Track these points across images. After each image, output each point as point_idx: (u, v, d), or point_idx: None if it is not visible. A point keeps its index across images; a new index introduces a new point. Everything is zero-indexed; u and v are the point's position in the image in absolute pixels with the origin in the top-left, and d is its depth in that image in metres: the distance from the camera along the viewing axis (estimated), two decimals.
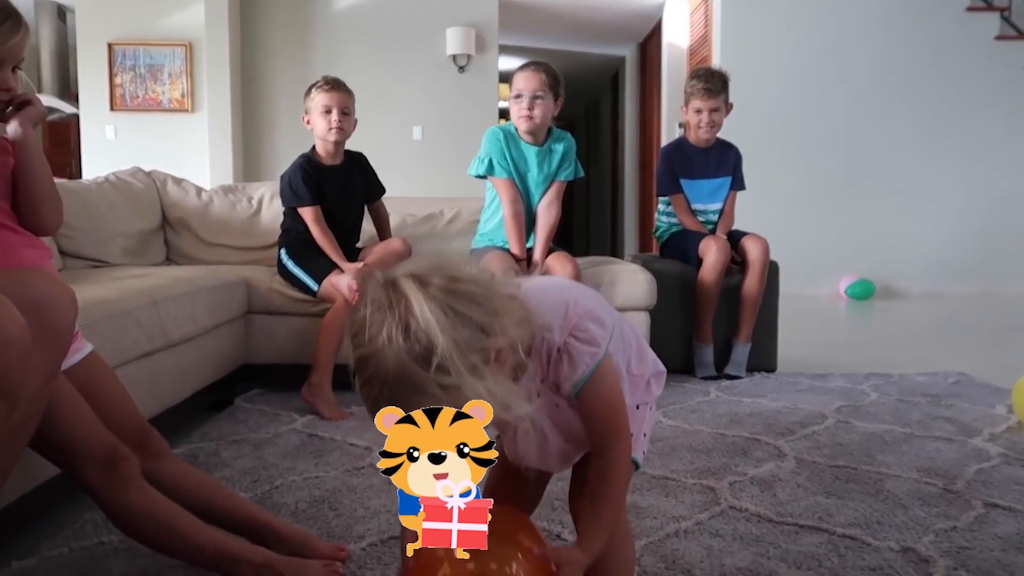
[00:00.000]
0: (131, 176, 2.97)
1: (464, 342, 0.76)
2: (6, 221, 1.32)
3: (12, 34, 1.25)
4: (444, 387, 0.75)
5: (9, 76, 1.27)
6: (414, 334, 0.75)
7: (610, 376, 0.92)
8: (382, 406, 0.73)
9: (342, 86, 2.54)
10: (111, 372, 1.41)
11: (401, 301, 0.77)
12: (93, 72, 6.03)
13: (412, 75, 6.01)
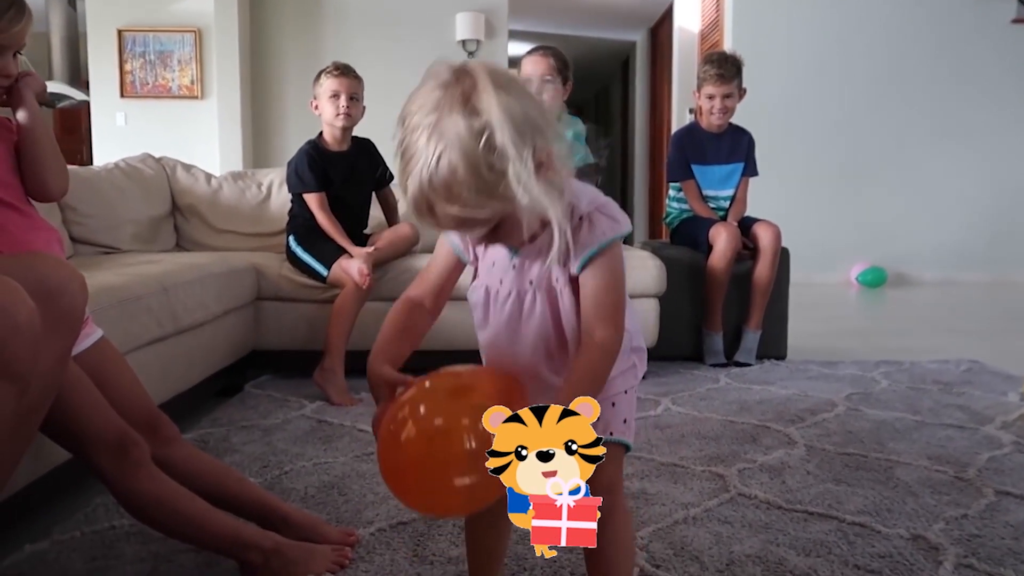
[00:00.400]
0: (141, 162, 2.98)
1: (520, 127, 0.79)
2: (15, 202, 1.33)
3: (15, 22, 1.26)
4: (491, 168, 0.77)
5: (10, 62, 1.28)
6: (474, 108, 0.78)
7: (620, 258, 0.92)
8: (427, 195, 0.78)
9: (351, 72, 2.53)
10: (121, 358, 1.42)
11: (466, 79, 0.79)
12: (103, 59, 6.04)
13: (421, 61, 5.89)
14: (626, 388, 1.00)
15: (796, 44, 5.60)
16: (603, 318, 0.90)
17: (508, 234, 0.88)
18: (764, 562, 1.30)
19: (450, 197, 0.78)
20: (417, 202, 0.80)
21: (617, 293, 0.91)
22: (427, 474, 0.82)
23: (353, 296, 2.36)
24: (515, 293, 0.95)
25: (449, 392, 0.88)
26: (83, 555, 1.34)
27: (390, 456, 0.84)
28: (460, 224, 0.83)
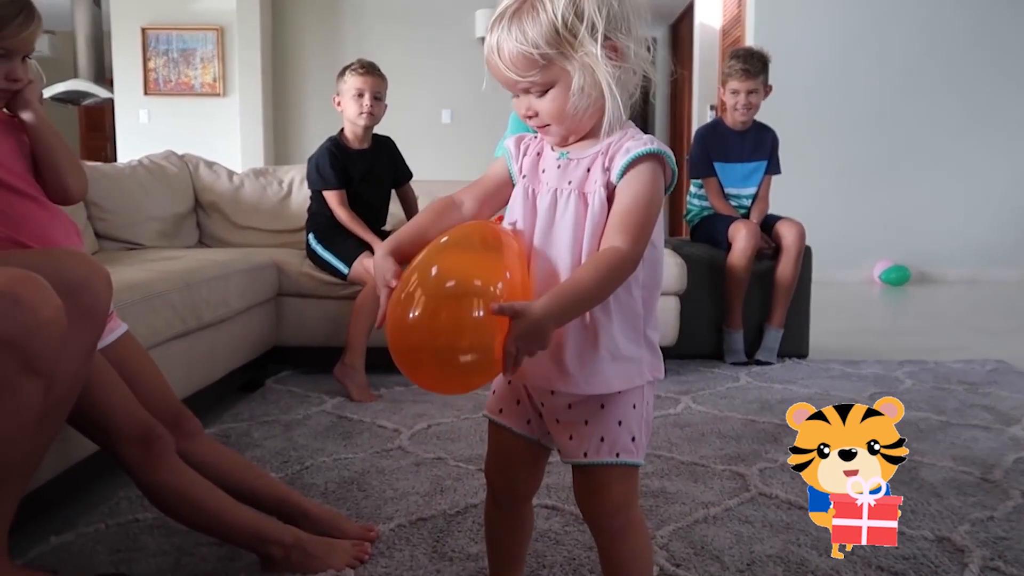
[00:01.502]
0: (164, 160, 3.01)
1: (606, 5, 0.87)
2: (34, 192, 1.34)
3: (25, 26, 1.26)
4: (566, 23, 0.86)
5: (19, 67, 1.28)
6: None
7: (658, 180, 0.92)
8: (508, 11, 0.88)
9: (376, 71, 2.54)
10: (145, 352, 1.43)
11: None
12: (127, 57, 6.11)
13: (441, 57, 6.00)
14: (634, 402, 0.96)
15: (819, 38, 5.54)
16: (625, 229, 0.89)
17: (555, 112, 0.91)
18: (785, 562, 1.29)
19: (521, 32, 0.87)
20: (493, 21, 0.90)
21: (647, 211, 0.90)
22: (435, 348, 0.83)
23: (374, 294, 2.37)
24: (553, 191, 0.95)
25: (464, 250, 0.90)
26: (107, 547, 1.36)
27: (399, 329, 0.85)
28: (515, 63, 0.88)
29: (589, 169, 0.94)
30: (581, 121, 0.93)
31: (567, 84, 0.90)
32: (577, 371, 0.93)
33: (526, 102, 0.92)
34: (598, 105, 0.92)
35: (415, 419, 2.10)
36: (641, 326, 0.97)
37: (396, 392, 2.39)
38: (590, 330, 0.92)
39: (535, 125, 0.94)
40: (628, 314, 0.95)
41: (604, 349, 0.93)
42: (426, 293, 0.84)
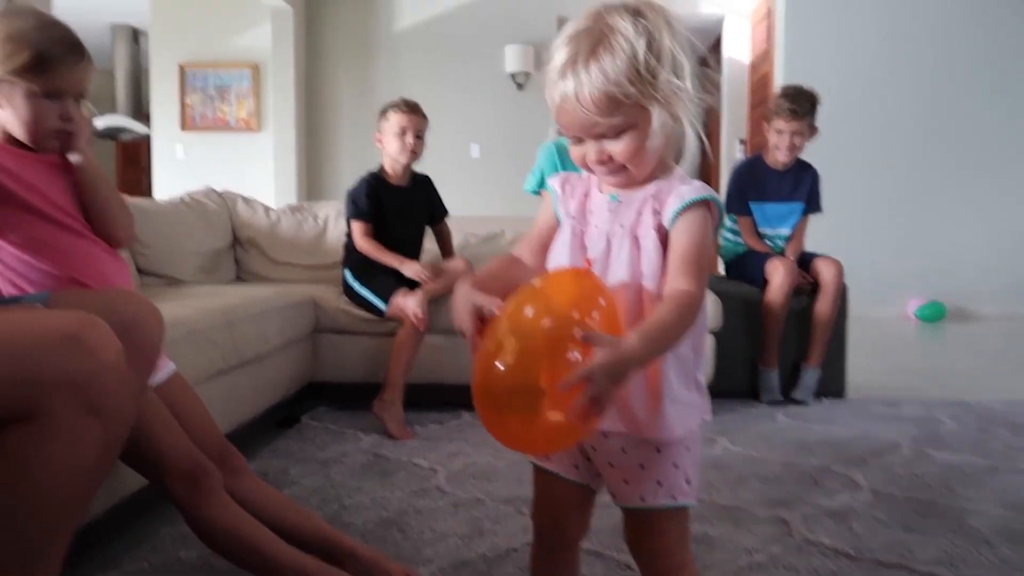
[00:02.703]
0: (204, 196, 3.06)
1: (674, 54, 0.89)
2: (86, 231, 1.37)
3: (75, 66, 1.29)
4: (648, 67, 0.87)
5: (71, 106, 1.30)
6: (640, 13, 0.89)
7: (710, 225, 0.93)
8: (581, 53, 0.88)
9: (419, 110, 2.59)
10: (192, 391, 1.45)
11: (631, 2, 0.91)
12: (165, 93, 6.27)
13: (470, 93, 6.08)
14: (688, 444, 0.98)
15: (850, 72, 5.54)
16: (686, 271, 0.90)
17: (631, 154, 0.91)
18: None
19: (602, 72, 0.86)
20: (566, 65, 0.88)
21: (703, 254, 0.91)
22: (520, 400, 0.83)
23: (412, 331, 2.39)
24: (607, 234, 0.96)
25: (558, 295, 0.89)
26: None
27: (484, 375, 0.85)
28: (598, 105, 0.88)
29: (640, 212, 0.95)
30: (651, 165, 0.94)
31: (646, 124, 0.90)
32: (644, 415, 0.93)
33: (596, 147, 0.92)
34: (664, 147, 0.94)
35: (451, 458, 2.10)
36: (692, 369, 0.98)
37: (431, 430, 2.39)
38: (651, 374, 0.92)
39: (607, 170, 0.94)
40: (682, 357, 0.95)
41: (665, 393, 0.93)
42: (519, 340, 0.83)
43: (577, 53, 0.89)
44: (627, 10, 0.90)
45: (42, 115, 1.26)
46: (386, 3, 6.12)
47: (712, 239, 0.94)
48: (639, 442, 0.96)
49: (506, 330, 0.85)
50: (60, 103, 1.28)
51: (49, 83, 1.25)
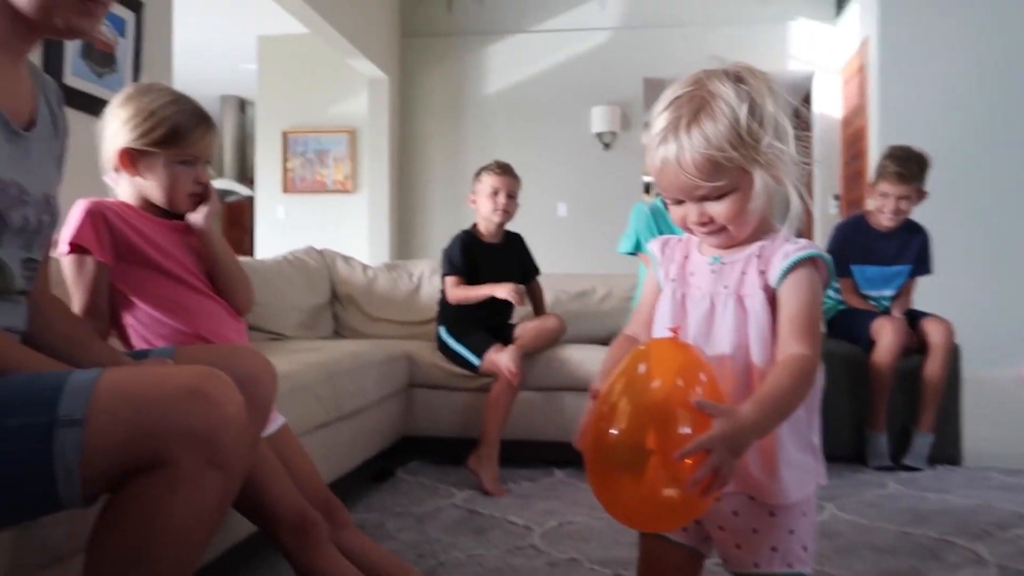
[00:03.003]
0: (305, 255, 3.19)
1: (776, 119, 0.90)
2: (208, 291, 1.45)
3: (207, 135, 1.43)
4: (750, 131, 0.88)
5: (203, 171, 1.43)
6: (740, 79, 0.91)
7: (818, 282, 0.91)
8: (683, 118, 0.89)
9: (511, 171, 2.65)
10: (299, 444, 1.49)
11: (732, 67, 0.93)
12: (268, 158, 6.63)
13: (558, 153, 6.17)
14: (804, 509, 0.95)
15: (951, 125, 5.35)
16: (799, 335, 0.88)
17: (733, 216, 0.91)
18: None
19: (704, 137, 0.87)
20: (667, 130, 0.90)
21: (815, 315, 0.90)
22: (630, 460, 0.83)
23: (506, 386, 2.40)
24: (710, 296, 0.95)
25: (662, 361, 0.88)
26: None
27: (595, 437, 0.85)
28: (699, 168, 0.88)
29: (744, 272, 0.94)
30: (752, 226, 0.93)
31: (748, 187, 0.90)
32: (763, 478, 0.90)
33: (696, 209, 0.93)
34: (766, 208, 0.93)
35: (545, 516, 2.07)
36: (806, 431, 0.95)
37: (524, 487, 2.37)
38: (768, 438, 0.90)
39: (708, 231, 0.94)
40: (795, 419, 0.92)
41: (780, 456, 0.90)
42: (629, 402, 0.83)
43: (679, 118, 0.90)
44: (728, 76, 0.91)
45: (180, 180, 1.38)
46: (476, 69, 6.34)
47: (821, 297, 0.92)
48: (752, 505, 0.93)
49: (617, 392, 0.85)
50: (194, 168, 1.39)
51: (184, 151, 1.37)
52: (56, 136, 1.17)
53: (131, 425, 0.91)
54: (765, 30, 6.07)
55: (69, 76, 3.02)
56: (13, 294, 1.07)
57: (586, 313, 3.07)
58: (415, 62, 6.38)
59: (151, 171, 1.37)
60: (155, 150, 1.35)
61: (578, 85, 6.18)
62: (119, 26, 3.32)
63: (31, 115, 1.09)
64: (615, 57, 6.17)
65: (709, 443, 0.78)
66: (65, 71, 3.01)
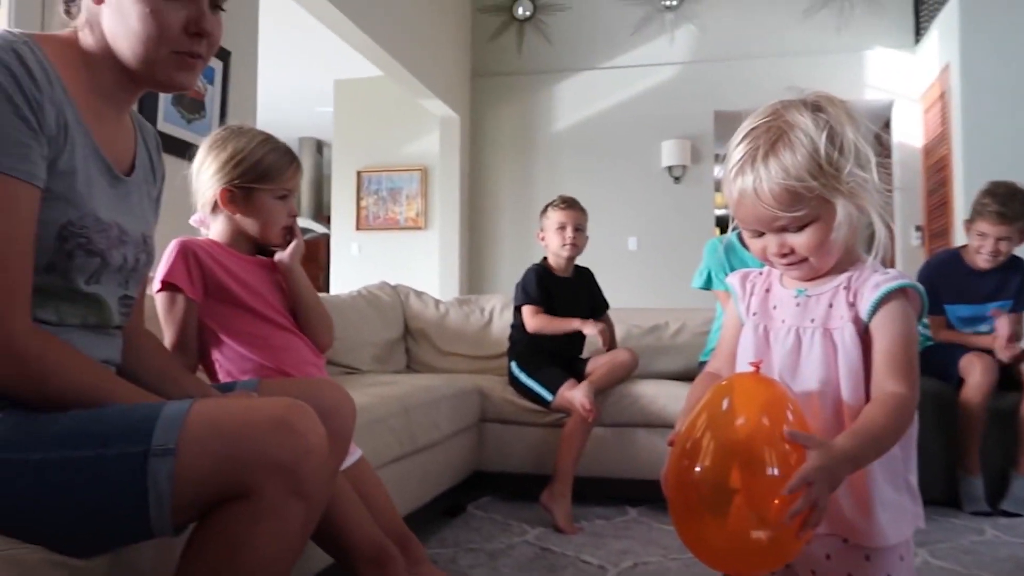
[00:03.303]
0: (379, 290, 3.26)
1: (856, 146, 0.88)
2: (291, 327, 1.50)
3: (297, 171, 1.53)
4: (830, 160, 0.86)
5: (294, 205, 1.53)
6: (819, 108, 0.90)
7: (912, 314, 0.88)
8: (760, 149, 0.88)
9: (576, 205, 2.66)
10: (377, 477, 1.51)
11: (811, 97, 0.92)
12: (344, 196, 6.83)
13: (627, 187, 6.16)
14: (901, 553, 0.90)
15: None
16: (895, 372, 0.84)
17: (814, 247, 0.89)
18: None
19: (782, 168, 0.86)
20: (744, 161, 0.89)
21: (911, 349, 0.86)
22: (714, 497, 0.80)
23: (581, 423, 2.38)
24: (795, 330, 0.92)
25: (747, 397, 0.86)
26: None
27: (683, 484, 0.83)
28: (778, 199, 0.87)
29: (831, 304, 0.91)
30: (834, 257, 0.91)
31: (830, 217, 0.88)
32: (857, 519, 0.87)
33: (777, 240, 0.91)
34: (850, 237, 0.91)
35: (620, 556, 2.02)
36: (902, 470, 0.91)
37: (598, 525, 2.33)
38: (861, 476, 0.86)
39: (787, 262, 0.92)
40: (890, 458, 0.88)
41: (876, 497, 0.87)
42: (716, 440, 0.82)
43: (756, 149, 0.89)
44: (806, 105, 0.90)
45: (276, 214, 1.47)
46: (545, 106, 6.41)
47: (916, 330, 0.88)
48: (847, 548, 0.89)
49: (700, 428, 0.84)
50: (287, 203, 1.47)
51: (280, 187, 1.45)
52: (154, 180, 1.24)
53: (219, 455, 0.93)
54: (841, 60, 5.97)
55: (162, 122, 3.19)
56: (111, 329, 1.12)
57: (659, 348, 3.03)
58: (485, 101, 6.51)
59: (251, 207, 1.45)
60: (257, 187, 1.42)
61: (648, 119, 6.18)
62: (208, 75, 3.50)
63: (131, 161, 1.15)
64: (685, 91, 6.15)
65: (810, 475, 0.76)
66: (158, 117, 3.18)
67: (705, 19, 6.14)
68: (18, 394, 0.95)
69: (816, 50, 5.99)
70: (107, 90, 1.07)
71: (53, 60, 0.99)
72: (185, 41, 1.05)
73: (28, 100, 0.93)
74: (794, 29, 6.06)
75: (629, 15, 6.23)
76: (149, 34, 1.02)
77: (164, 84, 1.09)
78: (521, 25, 6.43)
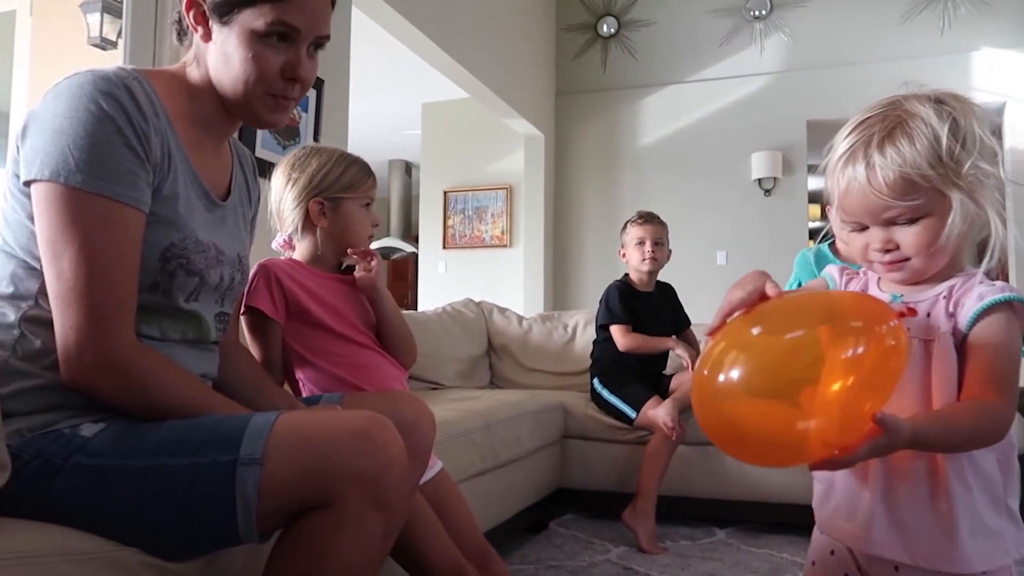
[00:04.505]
0: (464, 307, 3.31)
1: (978, 141, 0.84)
2: (373, 345, 1.54)
3: (375, 181, 1.58)
4: (951, 153, 0.82)
5: (376, 214, 1.59)
6: (941, 101, 0.86)
7: (1016, 328, 0.82)
8: (876, 136, 0.84)
9: (655, 219, 2.63)
10: (458, 490, 1.53)
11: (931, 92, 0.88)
12: (431, 216, 6.97)
13: (715, 200, 6.04)
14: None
15: None
16: (994, 385, 0.80)
17: (923, 244, 0.85)
18: None
19: (899, 154, 0.82)
20: (857, 148, 0.85)
21: (1011, 363, 0.81)
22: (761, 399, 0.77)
23: (665, 441, 2.34)
24: None
25: (796, 308, 0.85)
26: None
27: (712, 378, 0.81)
28: (892, 187, 0.83)
29: (929, 314, 0.86)
30: (941, 262, 0.86)
31: (944, 213, 0.83)
32: (934, 545, 0.82)
33: (882, 234, 0.87)
34: (958, 242, 0.86)
35: None
36: (1001, 494, 0.85)
37: (682, 546, 2.28)
38: (945, 500, 0.82)
39: (889, 260, 0.88)
40: (986, 480, 0.84)
41: (962, 522, 0.82)
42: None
43: (871, 136, 0.85)
44: (928, 98, 0.86)
45: (364, 221, 1.54)
46: (630, 122, 6.38)
47: (1020, 346, 0.83)
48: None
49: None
50: (370, 211, 1.53)
51: (364, 195, 1.51)
52: (250, 203, 1.31)
53: (303, 464, 0.97)
54: (945, 62, 5.69)
55: (259, 148, 3.35)
56: (208, 344, 1.19)
57: None
58: (570, 118, 6.53)
59: (339, 216, 1.51)
60: (344, 196, 1.49)
61: (737, 131, 6.05)
62: (303, 103, 3.66)
63: (228, 186, 1.22)
64: (775, 101, 6.00)
65: (895, 424, 0.74)
66: (257, 144, 3.35)
67: (796, 27, 5.99)
68: (121, 405, 1.01)
69: (917, 53, 5.74)
70: (207, 121, 1.15)
71: (160, 93, 1.07)
72: (280, 85, 1.11)
73: (136, 131, 1.00)
74: (892, 33, 5.82)
75: (716, 27, 6.13)
76: (248, 76, 1.08)
77: (256, 122, 1.15)
78: (606, 42, 6.43)
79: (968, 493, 0.82)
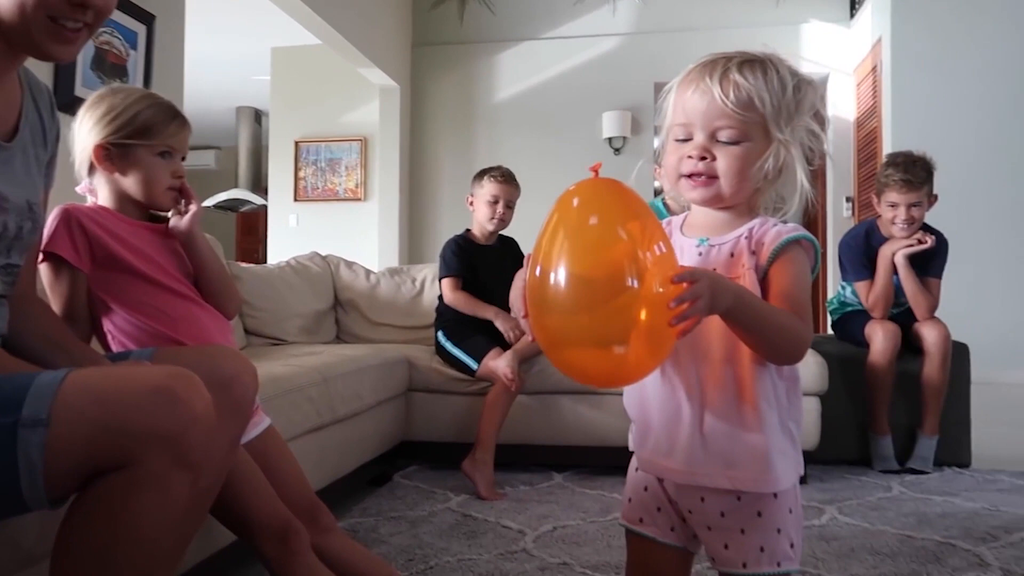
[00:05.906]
0: (309, 260, 3.21)
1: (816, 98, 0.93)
2: (193, 296, 1.45)
3: (182, 129, 1.44)
4: (796, 89, 0.92)
5: (180, 165, 1.45)
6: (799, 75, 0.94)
7: (808, 264, 0.92)
8: (735, 60, 0.91)
9: (513, 180, 2.65)
10: (286, 446, 1.49)
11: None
12: (281, 167, 6.69)
13: (568, 158, 6.16)
14: (790, 506, 0.93)
15: (962, 125, 5.28)
16: (795, 310, 0.88)
17: (734, 169, 0.91)
18: None
19: (753, 78, 0.90)
20: (716, 63, 0.92)
21: (805, 292, 0.91)
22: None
23: (504, 391, 2.40)
24: None
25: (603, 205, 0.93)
26: None
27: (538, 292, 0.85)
28: (737, 98, 0.89)
29: (732, 253, 0.93)
30: (741, 192, 0.93)
31: (763, 149, 0.91)
32: (752, 469, 0.90)
33: (703, 143, 0.92)
34: (759, 187, 0.94)
35: (540, 520, 2.06)
36: (785, 418, 0.94)
37: (521, 491, 2.36)
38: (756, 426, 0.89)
39: (698, 170, 0.92)
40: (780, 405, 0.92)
41: (772, 444, 0.90)
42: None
43: (732, 58, 0.92)
44: (789, 62, 0.95)
45: (158, 174, 1.39)
46: (486, 77, 6.36)
47: (809, 274, 0.93)
48: (740, 505, 0.92)
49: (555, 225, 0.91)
50: (171, 162, 1.40)
51: (160, 143, 1.38)
52: (44, 143, 1.19)
53: (96, 424, 0.91)
54: (777, 33, 6.03)
55: (79, 87, 3.07)
56: None
57: None
58: (426, 70, 6.42)
59: (129, 166, 1.38)
60: (132, 142, 1.36)
61: (588, 90, 6.18)
62: (131, 39, 3.37)
63: (14, 125, 1.10)
64: (626, 62, 6.16)
65: (697, 273, 0.80)
66: (76, 82, 3.06)
67: None
68: None
69: (753, 22, 6.05)
70: None
71: None
72: (64, 8, 1.00)
73: None
74: (733, 2, 6.10)
75: None
76: None
77: (39, 52, 1.04)
78: None
79: (772, 417, 0.90)
